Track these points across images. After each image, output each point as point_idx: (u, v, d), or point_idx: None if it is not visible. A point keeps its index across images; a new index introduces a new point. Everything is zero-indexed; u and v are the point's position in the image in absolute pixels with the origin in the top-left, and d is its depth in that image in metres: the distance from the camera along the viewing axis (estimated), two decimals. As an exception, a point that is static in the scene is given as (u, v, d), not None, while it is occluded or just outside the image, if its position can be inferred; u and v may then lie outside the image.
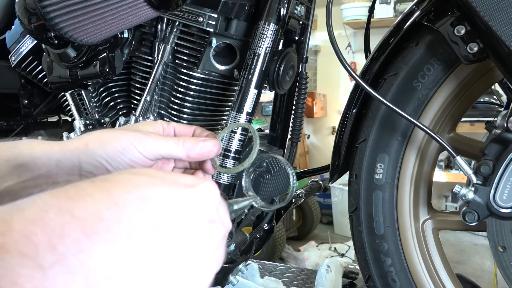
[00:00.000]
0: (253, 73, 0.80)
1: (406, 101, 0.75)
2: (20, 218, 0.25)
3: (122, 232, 0.28)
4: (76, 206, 0.27)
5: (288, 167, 0.55)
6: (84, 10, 0.68)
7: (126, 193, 0.30)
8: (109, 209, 0.28)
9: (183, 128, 0.55)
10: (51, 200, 0.27)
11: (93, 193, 0.29)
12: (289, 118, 1.00)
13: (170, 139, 0.50)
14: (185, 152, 0.49)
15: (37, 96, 1.19)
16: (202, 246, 0.33)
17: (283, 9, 0.82)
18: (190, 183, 0.34)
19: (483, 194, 0.64)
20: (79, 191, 0.29)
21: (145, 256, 0.29)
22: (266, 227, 1.07)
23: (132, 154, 0.48)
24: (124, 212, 0.29)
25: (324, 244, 3.02)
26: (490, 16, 0.54)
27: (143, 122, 0.55)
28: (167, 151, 0.49)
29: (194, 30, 0.86)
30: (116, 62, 0.91)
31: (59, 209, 0.27)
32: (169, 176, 0.35)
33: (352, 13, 3.62)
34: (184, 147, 0.49)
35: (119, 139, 0.48)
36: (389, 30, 0.80)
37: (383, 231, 0.79)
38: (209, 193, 0.35)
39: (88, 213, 0.27)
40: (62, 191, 0.29)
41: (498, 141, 0.63)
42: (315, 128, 4.20)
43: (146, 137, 0.48)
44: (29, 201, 0.27)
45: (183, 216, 0.32)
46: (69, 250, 0.25)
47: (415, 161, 0.78)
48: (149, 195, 0.31)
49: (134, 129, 0.51)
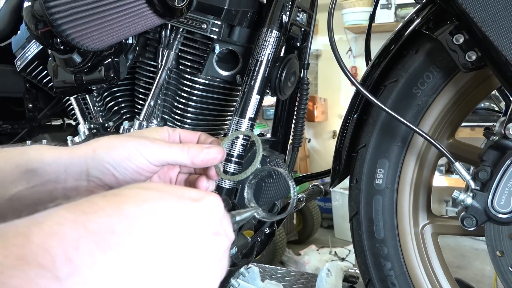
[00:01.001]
0: (255, 79, 0.82)
1: (406, 108, 0.76)
2: (38, 232, 0.27)
3: (133, 244, 0.30)
4: (90, 220, 0.29)
5: (289, 180, 0.56)
6: (91, 17, 0.70)
7: (136, 207, 0.32)
8: (121, 222, 0.30)
9: (188, 134, 0.57)
10: (66, 214, 0.29)
11: (105, 208, 0.31)
12: (291, 123, 1.01)
13: (176, 146, 0.51)
14: (189, 159, 0.51)
15: (42, 100, 1.20)
16: (207, 257, 0.35)
17: (285, 17, 0.83)
18: (195, 197, 0.36)
19: (481, 200, 0.65)
20: (92, 206, 0.31)
21: (154, 267, 0.31)
22: (267, 231, 1.08)
23: (138, 160, 0.49)
24: (134, 225, 0.31)
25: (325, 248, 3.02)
26: (487, 27, 0.56)
27: (149, 129, 0.56)
28: (173, 158, 0.50)
29: (197, 36, 0.88)
30: (121, 67, 0.92)
31: (74, 223, 0.28)
32: (176, 190, 0.36)
33: (353, 18, 3.64)
34: (189, 154, 0.50)
35: (126, 146, 0.49)
36: (390, 37, 0.82)
37: (383, 235, 0.80)
38: (214, 207, 0.37)
39: (101, 226, 0.29)
40: (76, 205, 0.30)
41: (496, 147, 0.65)
42: (315, 132, 4.21)
43: (152, 144, 0.50)
44: (46, 215, 0.29)
45: (189, 228, 0.34)
46: (83, 262, 0.27)
47: (414, 167, 0.79)
48: (158, 209, 0.33)
49: (140, 136, 0.52)
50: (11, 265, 0.24)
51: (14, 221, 0.27)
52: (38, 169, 0.47)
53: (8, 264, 0.24)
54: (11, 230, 0.27)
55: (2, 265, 0.24)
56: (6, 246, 0.25)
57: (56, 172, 0.48)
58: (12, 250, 0.25)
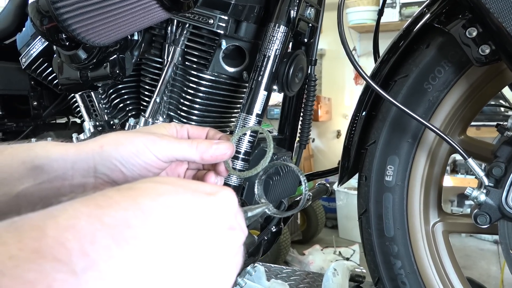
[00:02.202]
0: (263, 75, 0.81)
1: (417, 103, 0.75)
2: (53, 225, 0.26)
3: (149, 238, 0.29)
4: (106, 214, 0.29)
5: (301, 175, 0.55)
6: (97, 11, 0.68)
7: (151, 200, 0.31)
8: (136, 216, 0.30)
9: (197, 130, 0.56)
10: (81, 207, 0.28)
11: (121, 201, 0.30)
12: (298, 120, 1.00)
13: (184, 142, 0.50)
14: (199, 155, 0.50)
15: (47, 97, 1.20)
16: (223, 252, 0.34)
17: (293, 12, 0.82)
18: (210, 191, 0.36)
19: (495, 197, 0.63)
20: (107, 199, 0.30)
21: (170, 261, 0.30)
22: (274, 229, 1.07)
23: (147, 156, 0.48)
24: (150, 219, 0.30)
25: (329, 248, 3.01)
26: (504, 18, 0.54)
27: (157, 125, 0.56)
28: (181, 154, 0.50)
29: (204, 32, 0.87)
30: (126, 64, 0.91)
31: (90, 217, 0.28)
32: (191, 184, 0.36)
33: (357, 17, 3.63)
34: (198, 149, 0.50)
35: (133, 142, 0.48)
36: (399, 33, 0.80)
37: (393, 233, 0.79)
38: (228, 201, 0.36)
39: (116, 220, 0.29)
40: (91, 199, 0.30)
41: (510, 143, 0.63)
42: (320, 131, 4.20)
43: (160, 140, 0.49)
44: (61, 208, 0.28)
45: (205, 222, 0.33)
46: (100, 256, 0.26)
47: (425, 164, 0.78)
48: (173, 203, 0.32)
49: (148, 132, 0.51)
50: (27, 258, 0.24)
51: (28, 215, 0.27)
52: (44, 166, 0.47)
53: (23, 257, 0.24)
54: (26, 223, 0.26)
55: (17, 258, 0.23)
56: (21, 239, 0.25)
57: (63, 169, 0.47)
58: (27, 243, 0.24)
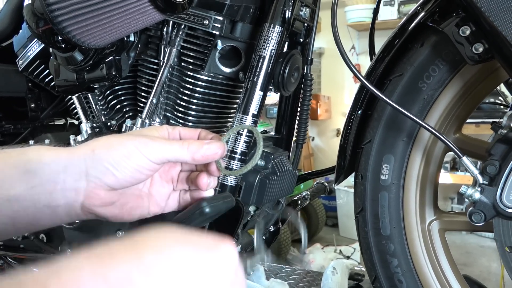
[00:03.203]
0: (258, 75, 0.81)
1: (412, 102, 0.75)
2: (56, 281, 0.27)
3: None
4: (109, 270, 0.29)
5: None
6: (92, 14, 0.69)
7: (154, 254, 0.32)
8: (139, 272, 0.30)
9: (188, 131, 0.57)
10: (84, 263, 0.29)
11: (124, 256, 0.31)
12: (294, 120, 1.00)
13: (176, 143, 0.51)
14: (190, 155, 0.51)
15: (44, 99, 1.20)
16: None
17: (288, 12, 0.82)
18: (212, 246, 0.36)
19: (490, 194, 0.64)
20: (111, 254, 0.31)
21: None
22: (272, 229, 1.07)
23: (138, 158, 0.49)
24: (153, 275, 0.31)
25: (329, 247, 3.01)
26: (495, 17, 0.54)
27: (149, 127, 0.56)
28: (173, 155, 0.50)
29: (199, 33, 0.87)
30: (123, 65, 0.92)
31: (93, 273, 0.28)
32: (192, 237, 0.37)
33: (355, 15, 3.62)
34: (189, 150, 0.50)
35: (125, 144, 0.49)
36: (394, 31, 0.80)
37: (390, 232, 0.79)
38: (230, 257, 0.37)
39: (119, 276, 0.29)
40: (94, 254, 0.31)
41: (504, 141, 0.63)
42: (319, 130, 4.20)
43: (151, 142, 0.50)
44: (64, 264, 0.29)
45: (207, 278, 0.34)
46: None
47: (420, 162, 0.78)
48: (175, 258, 0.33)
49: (140, 134, 0.52)
50: None
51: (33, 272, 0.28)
52: (37, 170, 0.47)
53: None
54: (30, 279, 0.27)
55: None
56: None
57: (55, 173, 0.48)
58: None
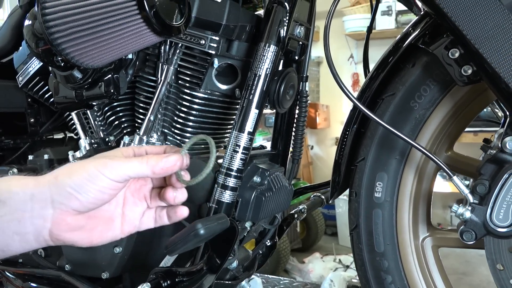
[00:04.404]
0: (254, 94, 0.82)
1: (404, 121, 0.76)
2: None
3: None
4: None
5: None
6: (90, 36, 0.70)
7: None
8: None
9: (155, 148, 0.60)
10: None
11: None
12: (290, 135, 1.02)
13: (135, 159, 0.53)
14: (150, 169, 0.53)
15: (44, 114, 1.21)
16: None
17: (282, 31, 0.84)
18: None
19: (480, 214, 0.65)
20: None
21: None
22: (269, 243, 1.08)
23: (99, 179, 0.51)
24: None
25: (329, 256, 3.01)
26: (480, 44, 0.56)
27: (114, 149, 0.59)
28: (133, 171, 0.52)
29: (196, 52, 0.89)
30: (121, 83, 0.93)
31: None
32: None
33: (353, 25, 3.65)
34: (149, 164, 0.53)
35: (85, 168, 0.51)
36: (388, 49, 0.82)
37: (383, 248, 0.80)
38: None
39: None
40: None
41: (494, 161, 0.65)
42: (318, 139, 4.21)
43: (111, 161, 0.52)
44: None
45: None
46: None
47: (413, 180, 0.79)
48: None
49: (101, 156, 0.55)
50: None
51: None
52: (6, 200, 0.50)
53: None
54: None
55: None
56: None
57: (23, 201, 0.50)
58: None
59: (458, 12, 0.56)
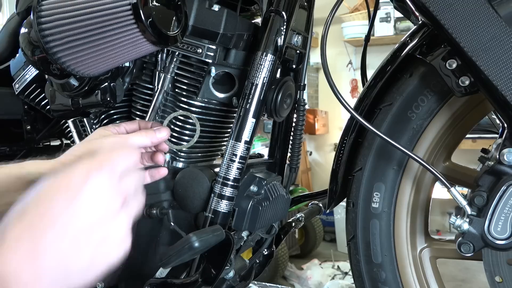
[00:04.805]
0: (251, 103, 0.82)
1: (401, 131, 0.76)
2: None
3: None
4: None
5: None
6: (86, 45, 0.70)
7: None
8: None
9: (131, 124, 0.73)
10: None
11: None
12: (288, 144, 1.01)
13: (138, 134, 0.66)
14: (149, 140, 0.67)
15: (40, 121, 1.21)
16: None
17: (280, 40, 0.83)
18: None
19: (478, 225, 0.64)
20: None
21: None
22: (266, 252, 1.07)
23: None
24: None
25: (327, 262, 3.00)
26: (477, 56, 0.56)
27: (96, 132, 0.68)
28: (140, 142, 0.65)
29: (193, 60, 0.88)
30: (118, 91, 0.92)
31: None
32: None
33: (352, 31, 3.66)
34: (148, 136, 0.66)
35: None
36: (386, 59, 0.82)
37: (381, 259, 0.79)
38: None
39: None
40: None
41: (491, 172, 0.64)
42: (317, 145, 4.21)
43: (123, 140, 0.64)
44: None
45: None
46: None
47: (411, 190, 0.79)
48: None
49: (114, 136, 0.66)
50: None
51: None
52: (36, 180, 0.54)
53: None
54: None
55: None
56: None
57: None
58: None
59: (454, 23, 0.56)
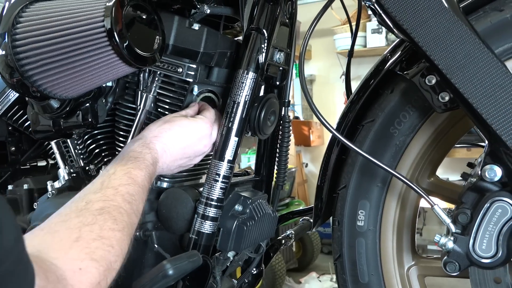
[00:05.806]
0: (233, 121, 0.81)
1: (384, 148, 0.75)
2: None
3: None
4: None
5: None
6: (61, 68, 0.69)
7: None
8: None
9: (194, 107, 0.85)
10: None
11: None
12: (274, 161, 1.00)
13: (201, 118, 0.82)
14: None
15: (25, 142, 1.19)
16: None
17: (261, 58, 0.83)
18: None
19: (463, 244, 0.63)
20: None
21: None
22: (255, 271, 1.05)
23: None
24: None
25: (326, 275, 2.96)
26: (451, 74, 0.55)
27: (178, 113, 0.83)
28: None
29: (174, 79, 0.87)
30: (100, 111, 0.91)
31: None
32: None
33: (344, 43, 3.67)
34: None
35: None
36: (368, 74, 0.81)
37: (368, 279, 0.78)
38: None
39: None
40: None
41: (474, 189, 0.63)
42: (312, 156, 4.19)
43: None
44: None
45: None
46: None
47: (396, 207, 0.77)
48: None
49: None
50: None
51: None
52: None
53: None
54: None
55: None
56: None
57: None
58: None
59: (429, 40, 0.55)
